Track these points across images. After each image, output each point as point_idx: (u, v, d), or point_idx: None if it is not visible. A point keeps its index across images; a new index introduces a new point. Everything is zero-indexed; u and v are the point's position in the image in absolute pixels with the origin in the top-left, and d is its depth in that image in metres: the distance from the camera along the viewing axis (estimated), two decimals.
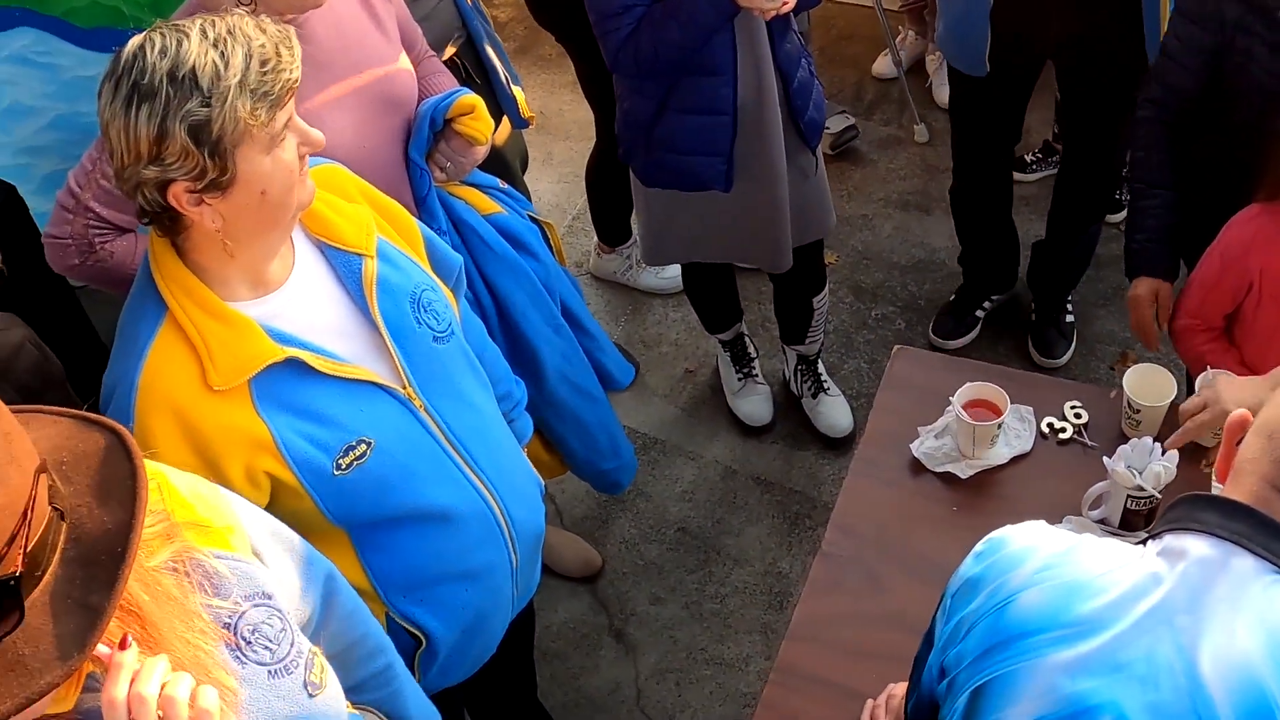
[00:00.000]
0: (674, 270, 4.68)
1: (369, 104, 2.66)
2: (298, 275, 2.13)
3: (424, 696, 2.23)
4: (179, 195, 1.89)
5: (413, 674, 2.38)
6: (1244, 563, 1.51)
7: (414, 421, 2.21)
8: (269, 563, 1.75)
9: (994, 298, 4.57)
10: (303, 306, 2.11)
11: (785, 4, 3.10)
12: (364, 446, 2.12)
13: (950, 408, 2.84)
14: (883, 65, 5.59)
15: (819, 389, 4.27)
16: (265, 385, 2.04)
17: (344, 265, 2.17)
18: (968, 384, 2.85)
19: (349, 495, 2.14)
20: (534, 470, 2.59)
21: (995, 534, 1.73)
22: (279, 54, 1.91)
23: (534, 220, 3.09)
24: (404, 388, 2.20)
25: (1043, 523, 1.74)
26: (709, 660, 3.77)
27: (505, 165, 3.60)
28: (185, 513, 1.62)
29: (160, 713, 1.41)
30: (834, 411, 4.25)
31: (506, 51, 5.79)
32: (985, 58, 3.72)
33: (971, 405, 2.83)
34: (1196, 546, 1.54)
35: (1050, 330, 4.43)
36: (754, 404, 4.33)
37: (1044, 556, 1.64)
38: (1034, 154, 5.06)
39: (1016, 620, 1.60)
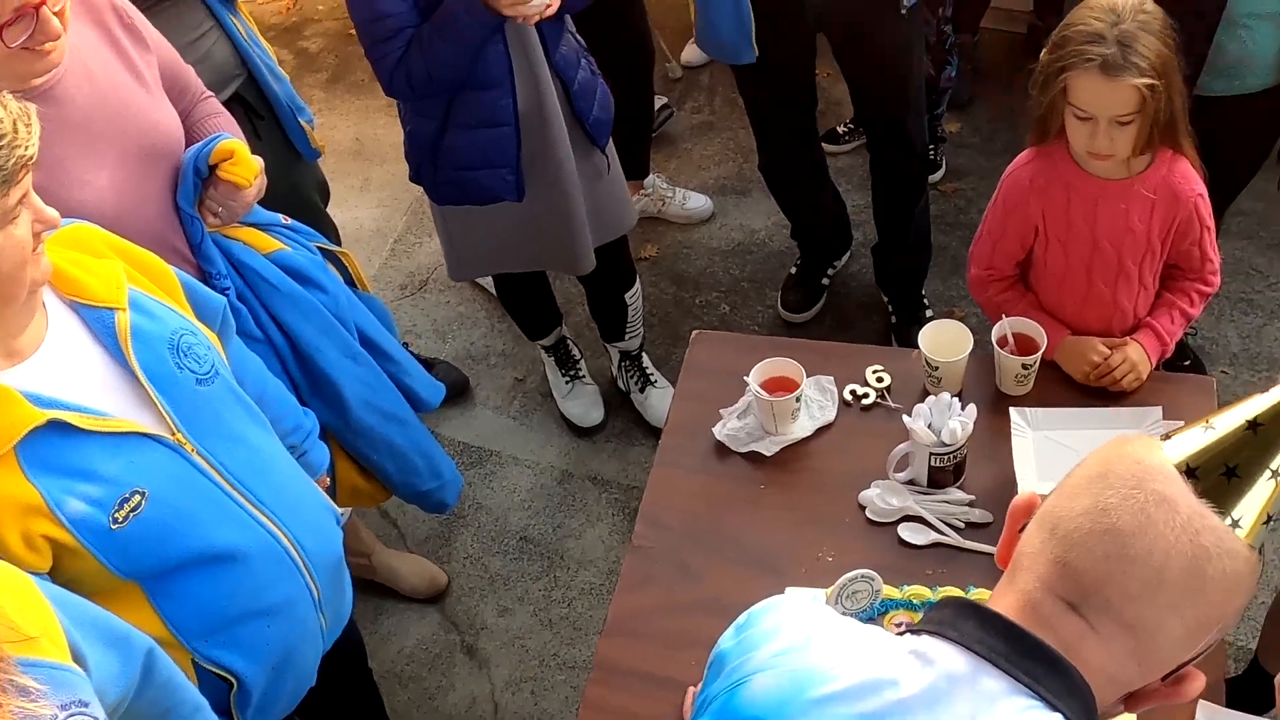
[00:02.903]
0: None
1: (132, 158, 2.63)
2: (53, 338, 2.12)
3: None
4: None
5: (231, 719, 2.39)
6: (994, 684, 1.37)
7: (188, 466, 2.21)
8: (88, 656, 1.73)
9: (835, 264, 4.62)
10: (61, 367, 2.10)
11: (549, 8, 3.12)
12: (138, 497, 2.11)
13: (749, 388, 2.88)
14: (691, 53, 5.67)
15: (646, 383, 4.31)
16: (31, 450, 2.02)
17: (97, 321, 2.16)
18: (762, 361, 2.88)
19: (131, 548, 2.13)
20: (327, 499, 2.59)
21: (758, 605, 1.60)
22: (15, 130, 1.91)
23: (326, 252, 3.08)
24: (173, 434, 2.19)
25: (808, 595, 1.59)
26: (562, 665, 3.79)
27: (302, 199, 3.59)
28: None
29: None
30: (662, 403, 4.26)
31: (319, 81, 5.81)
32: (751, 41, 3.69)
33: (769, 382, 2.87)
34: (947, 657, 1.40)
35: (914, 329, 4.29)
36: (583, 405, 4.36)
37: (785, 639, 1.50)
38: (845, 125, 5.14)
39: (743, 706, 1.48)
